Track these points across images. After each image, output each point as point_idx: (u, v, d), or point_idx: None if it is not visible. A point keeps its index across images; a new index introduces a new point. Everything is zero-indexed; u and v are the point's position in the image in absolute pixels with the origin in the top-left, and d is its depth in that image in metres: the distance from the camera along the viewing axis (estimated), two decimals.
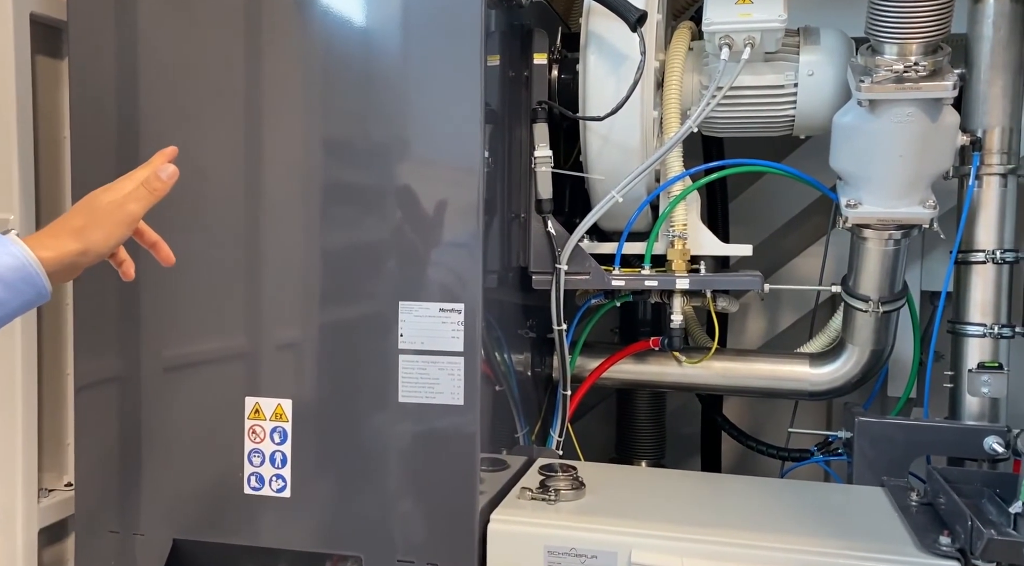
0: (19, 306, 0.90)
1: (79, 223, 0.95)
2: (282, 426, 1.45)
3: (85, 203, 0.98)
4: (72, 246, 0.94)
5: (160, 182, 1.01)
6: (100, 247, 0.96)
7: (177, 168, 1.02)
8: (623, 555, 1.31)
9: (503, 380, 1.56)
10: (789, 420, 1.98)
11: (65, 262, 0.93)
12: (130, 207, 0.98)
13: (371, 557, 1.42)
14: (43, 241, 0.93)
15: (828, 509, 1.45)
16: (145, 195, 1.00)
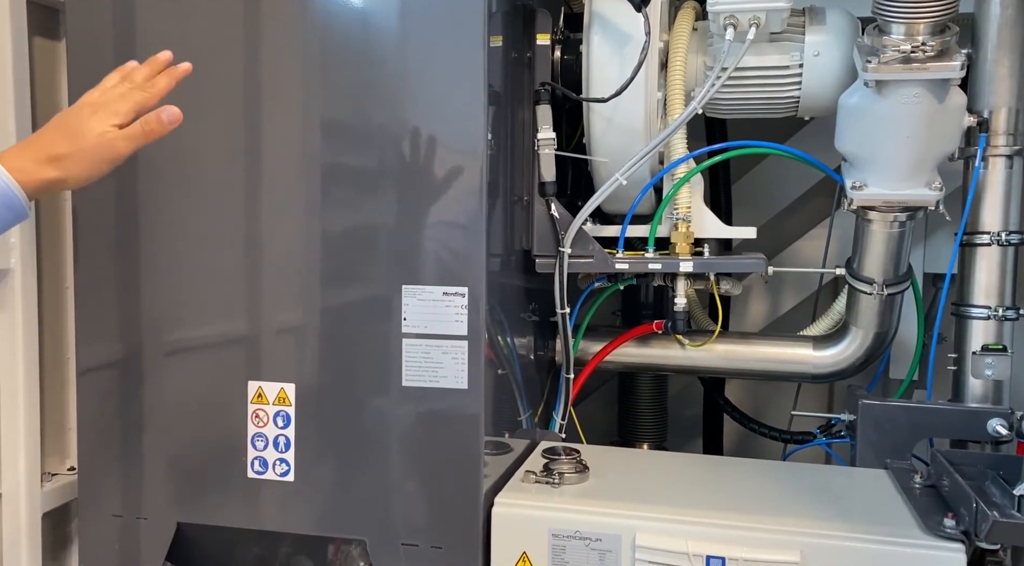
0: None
1: (62, 150, 0.90)
2: (285, 410, 1.44)
3: (72, 122, 0.93)
4: (51, 174, 0.90)
5: (159, 125, 0.96)
6: (79, 182, 0.92)
7: (180, 112, 0.97)
8: (627, 538, 1.31)
9: (506, 364, 1.56)
10: (791, 403, 1.98)
11: (41, 188, 0.90)
12: (119, 145, 0.94)
13: (375, 540, 1.42)
14: (22, 163, 0.89)
15: (831, 491, 1.45)
16: (139, 135, 0.95)
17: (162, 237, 1.49)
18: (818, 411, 2.04)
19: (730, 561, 1.25)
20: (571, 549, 1.33)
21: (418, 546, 1.40)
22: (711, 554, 1.26)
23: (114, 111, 0.94)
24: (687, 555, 1.26)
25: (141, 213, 1.50)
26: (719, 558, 1.25)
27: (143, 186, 1.49)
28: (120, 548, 1.51)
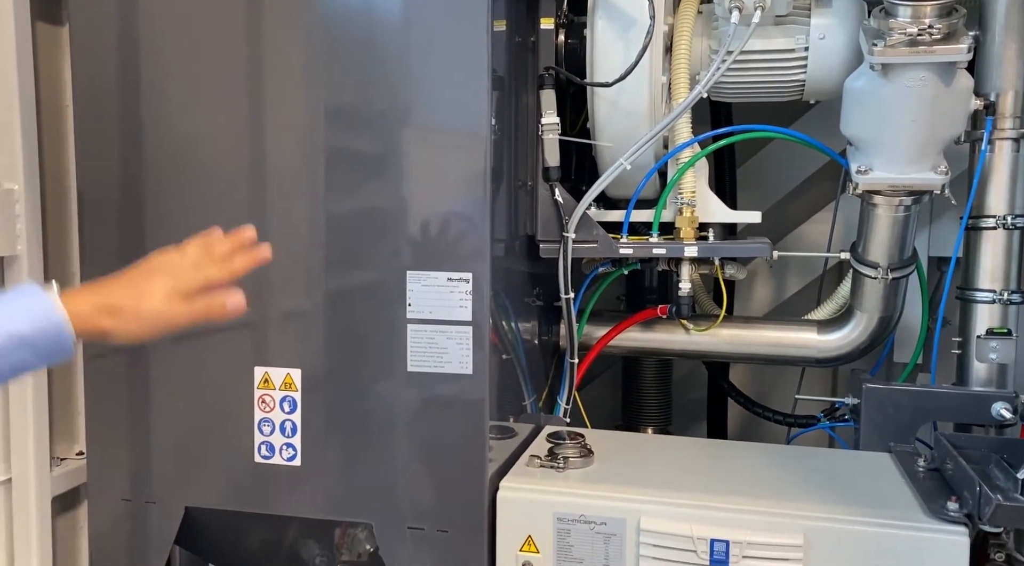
0: (42, 366, 0.90)
1: (123, 305, 0.91)
2: (291, 395, 1.45)
3: (141, 283, 0.94)
4: (105, 324, 0.90)
5: (221, 312, 0.96)
6: (127, 338, 0.92)
7: (245, 304, 0.97)
8: (632, 522, 1.32)
9: (510, 348, 1.56)
10: (795, 387, 1.98)
11: (91, 334, 0.91)
12: (176, 319, 0.94)
13: (381, 524, 1.43)
14: (82, 307, 0.89)
15: (835, 475, 1.46)
16: (198, 315, 0.95)
17: (167, 224, 1.49)
18: (822, 395, 2.04)
19: (734, 544, 1.26)
20: (576, 533, 1.34)
21: (424, 530, 1.41)
22: (715, 537, 1.26)
23: (184, 283, 0.95)
24: (691, 538, 1.27)
25: (146, 199, 1.50)
26: (723, 541, 1.26)
27: (148, 172, 1.49)
28: (129, 532, 1.53)
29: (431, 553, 1.41)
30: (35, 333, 0.86)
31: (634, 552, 1.31)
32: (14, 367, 0.86)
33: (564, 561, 1.35)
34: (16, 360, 0.86)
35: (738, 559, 1.25)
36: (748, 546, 1.25)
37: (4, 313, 0.86)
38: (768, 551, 1.25)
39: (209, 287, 0.96)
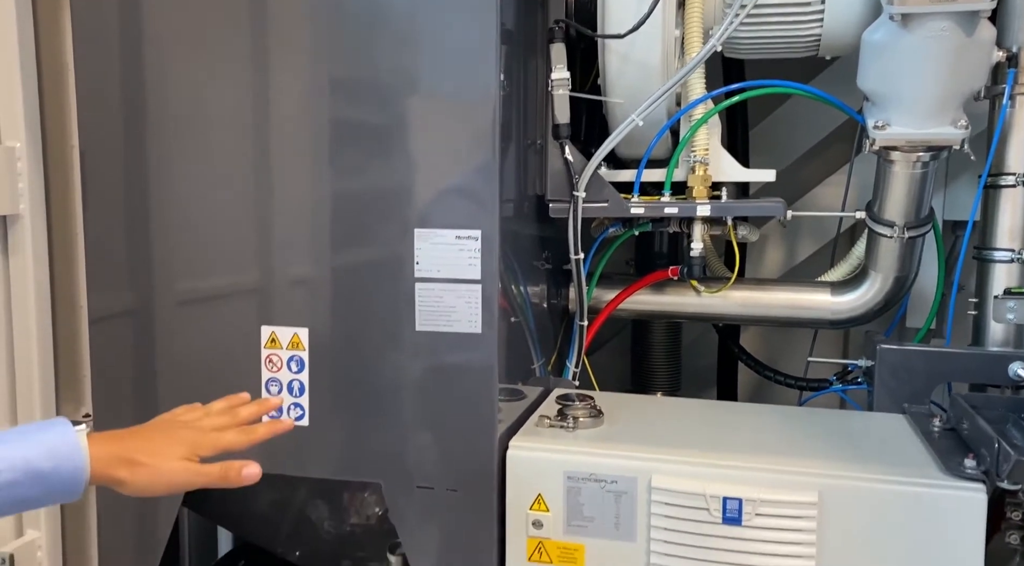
0: (43, 504, 0.88)
1: (141, 459, 0.90)
2: (299, 355, 1.44)
3: (159, 439, 0.93)
4: (119, 474, 0.90)
5: (236, 479, 0.95)
6: (137, 490, 0.91)
7: (260, 473, 0.96)
8: (643, 480, 1.30)
9: (519, 311, 1.54)
10: (805, 352, 1.96)
11: (103, 480, 0.90)
12: (190, 479, 0.93)
13: (390, 484, 1.42)
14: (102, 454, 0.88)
15: (849, 434, 1.44)
16: (214, 478, 0.94)
17: (171, 186, 1.47)
18: (832, 359, 2.02)
19: (747, 502, 1.24)
20: (586, 491, 1.33)
21: (433, 489, 1.40)
22: (728, 495, 1.25)
23: (204, 445, 0.95)
24: (704, 496, 1.26)
25: (149, 160, 1.48)
26: (736, 499, 1.25)
27: (151, 135, 1.47)
28: None
29: (440, 512, 1.40)
30: (52, 471, 0.84)
31: (645, 511, 1.30)
32: (19, 499, 0.85)
33: (574, 520, 1.33)
34: (25, 494, 0.84)
35: (751, 517, 1.24)
36: (761, 504, 1.24)
37: (30, 445, 0.84)
38: (782, 509, 1.23)
39: (228, 451, 0.97)
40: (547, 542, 1.35)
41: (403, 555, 1.50)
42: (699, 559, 1.26)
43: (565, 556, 1.34)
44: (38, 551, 1.53)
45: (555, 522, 1.34)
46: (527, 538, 1.36)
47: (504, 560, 1.37)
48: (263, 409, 1.05)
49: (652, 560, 1.29)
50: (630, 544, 1.31)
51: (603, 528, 1.32)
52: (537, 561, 1.35)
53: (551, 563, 1.35)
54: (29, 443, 0.84)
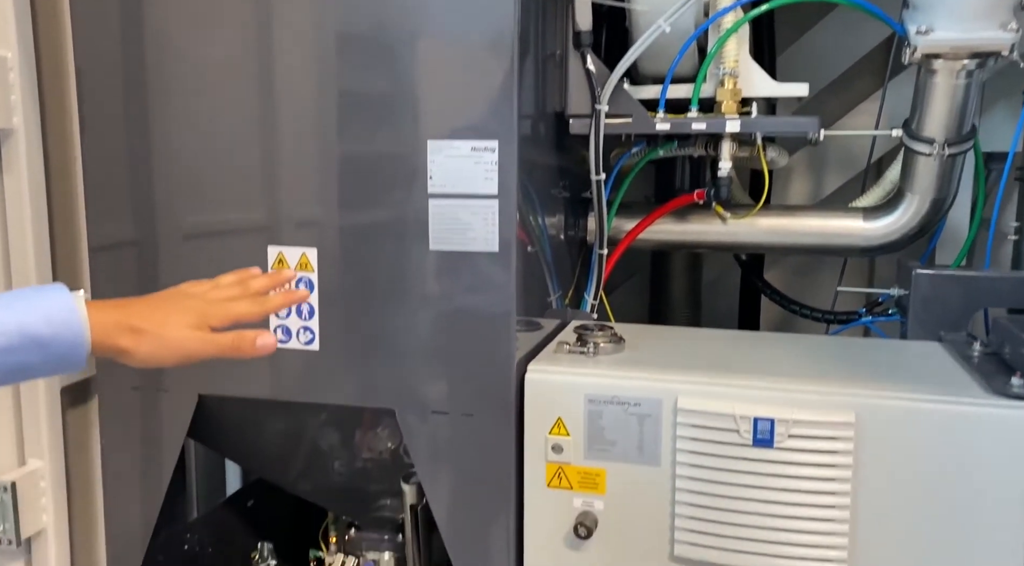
0: (47, 373, 0.82)
1: (145, 326, 0.84)
2: (308, 276, 1.37)
3: (166, 307, 0.87)
4: (123, 343, 0.83)
5: (250, 349, 0.88)
6: (143, 360, 0.85)
7: (276, 344, 0.90)
8: (668, 402, 1.24)
9: (536, 241, 1.47)
10: (830, 289, 1.89)
11: (106, 350, 0.83)
12: (199, 348, 0.87)
13: (403, 410, 1.36)
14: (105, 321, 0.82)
15: (883, 360, 1.38)
16: (225, 347, 0.88)
17: (173, 117, 1.39)
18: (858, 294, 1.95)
19: (779, 423, 1.18)
20: (608, 414, 1.27)
21: (448, 414, 1.35)
22: (759, 416, 1.19)
23: (214, 314, 0.88)
24: (733, 417, 1.20)
25: (150, 89, 1.40)
26: (768, 420, 1.18)
27: (151, 58, 1.39)
28: (141, 421, 1.47)
29: (456, 438, 1.34)
30: (51, 336, 0.78)
31: (671, 434, 1.24)
32: (18, 367, 0.79)
33: (595, 444, 1.28)
34: (23, 360, 0.78)
35: (783, 438, 1.18)
36: (795, 424, 1.17)
37: (24, 310, 0.78)
38: (817, 429, 1.17)
39: (240, 322, 0.90)
40: (567, 467, 1.29)
41: (418, 484, 1.45)
42: (727, 483, 1.20)
43: (586, 481, 1.29)
44: (41, 481, 1.49)
45: (575, 447, 1.28)
46: (546, 463, 1.30)
47: (522, 487, 1.32)
48: (275, 281, 0.98)
49: (677, 484, 1.23)
50: (654, 469, 1.25)
51: (626, 452, 1.27)
52: (556, 487, 1.30)
53: (571, 489, 1.29)
54: (23, 307, 0.78)
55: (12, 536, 1.43)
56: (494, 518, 1.34)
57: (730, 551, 1.21)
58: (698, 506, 1.22)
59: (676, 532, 1.24)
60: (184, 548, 1.64)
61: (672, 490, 1.24)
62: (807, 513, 1.17)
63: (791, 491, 1.17)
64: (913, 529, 1.15)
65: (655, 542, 1.26)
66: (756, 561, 1.20)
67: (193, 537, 1.66)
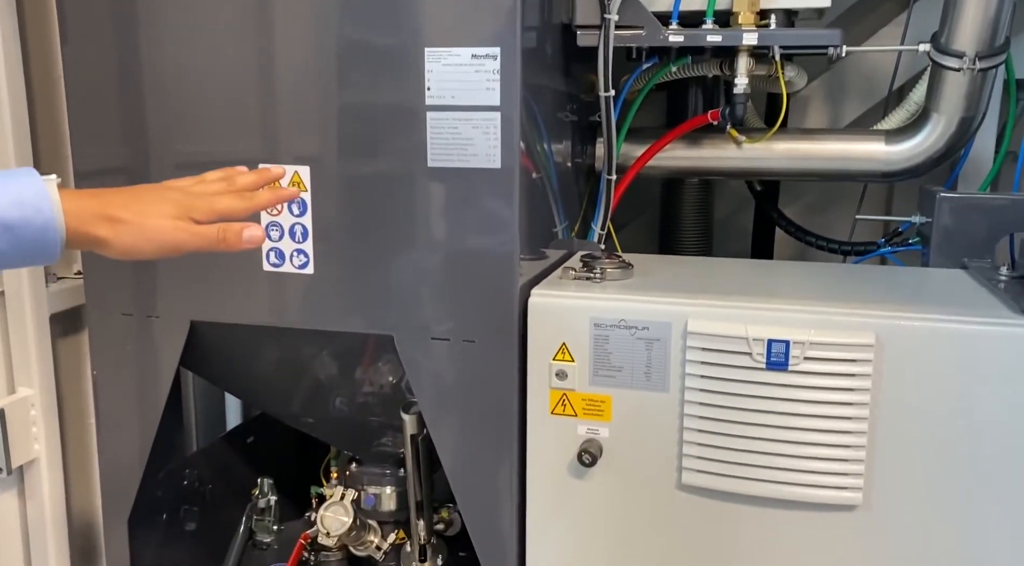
0: (17, 263, 0.77)
1: (123, 215, 0.79)
2: (301, 196, 1.31)
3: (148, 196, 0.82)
4: (100, 232, 0.78)
5: (236, 241, 0.84)
6: (122, 252, 0.80)
7: (264, 237, 0.85)
8: (678, 325, 1.18)
9: (541, 168, 1.40)
10: (847, 224, 1.82)
11: (82, 240, 0.78)
12: (182, 238, 0.82)
13: (403, 336, 1.31)
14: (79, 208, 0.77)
15: (905, 285, 1.32)
16: (211, 238, 0.83)
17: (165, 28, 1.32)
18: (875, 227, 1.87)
19: (795, 345, 1.12)
20: (615, 339, 1.22)
21: (449, 341, 1.29)
22: (774, 337, 1.13)
23: (198, 206, 0.83)
24: (746, 340, 1.14)
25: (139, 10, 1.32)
26: (783, 342, 1.12)
27: None
28: (133, 348, 1.43)
29: (457, 365, 1.29)
30: (20, 221, 0.73)
31: (679, 358, 1.18)
32: None
33: (601, 370, 1.22)
34: None
35: (799, 361, 1.12)
36: (811, 346, 1.11)
37: None
38: (834, 352, 1.11)
39: (226, 217, 0.85)
40: (571, 394, 1.24)
41: (418, 414, 1.40)
42: (738, 408, 1.15)
43: (591, 408, 1.24)
44: (32, 409, 1.46)
45: (580, 373, 1.23)
46: (550, 390, 1.25)
47: (525, 414, 1.27)
48: (264, 178, 0.92)
49: (686, 411, 1.18)
50: (662, 395, 1.20)
51: (632, 378, 1.21)
52: (560, 414, 1.25)
53: (575, 416, 1.25)
54: None
55: (2, 464, 1.40)
56: (496, 447, 1.30)
57: (740, 479, 1.16)
58: (707, 432, 1.17)
59: (684, 459, 1.19)
60: (184, 483, 1.61)
61: (680, 416, 1.19)
62: (822, 439, 1.12)
63: (805, 416, 1.12)
64: (933, 455, 1.10)
65: (662, 470, 1.21)
66: (767, 489, 1.15)
67: (192, 472, 1.63)
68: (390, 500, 1.62)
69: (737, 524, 1.19)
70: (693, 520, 1.21)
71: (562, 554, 1.27)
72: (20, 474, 1.49)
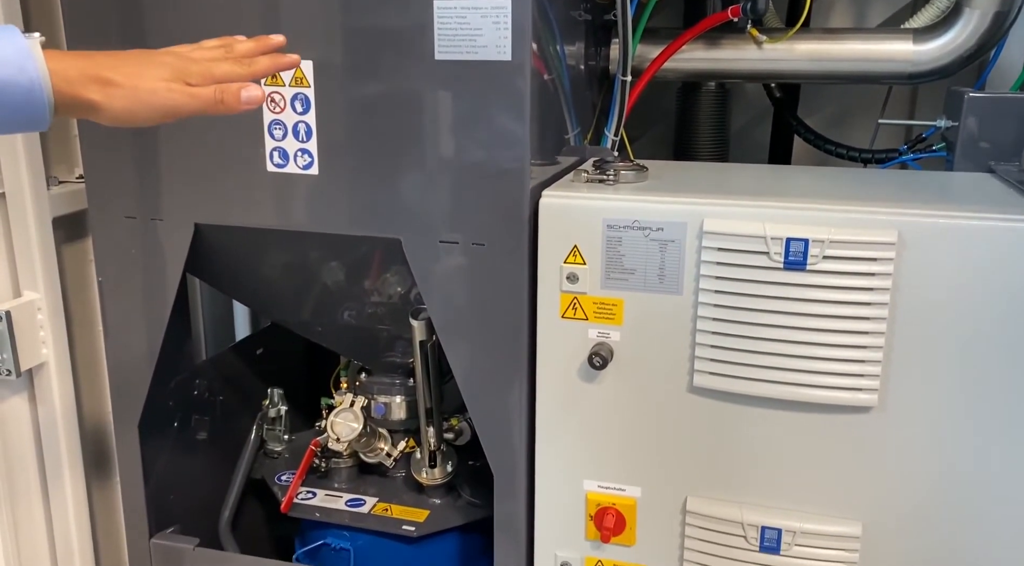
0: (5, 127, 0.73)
1: (115, 78, 0.75)
2: (303, 92, 1.26)
3: (142, 59, 0.78)
4: (92, 95, 0.74)
5: (235, 101, 0.80)
6: (115, 118, 0.76)
7: (263, 96, 0.81)
8: (693, 225, 1.15)
9: (553, 69, 1.34)
10: (868, 131, 1.76)
11: (72, 105, 0.74)
12: (178, 100, 0.78)
13: (410, 239, 1.28)
14: (68, 69, 0.73)
15: (929, 186, 1.27)
16: (208, 100, 0.79)
17: None
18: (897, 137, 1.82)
19: (814, 243, 1.09)
20: (628, 241, 1.18)
21: (458, 243, 1.26)
22: (792, 236, 1.09)
23: (194, 71, 0.80)
24: (764, 239, 1.11)
25: None
26: (801, 240, 1.09)
27: None
28: (137, 253, 1.41)
29: (465, 268, 1.27)
30: (4, 82, 0.69)
31: (694, 259, 1.15)
32: None
33: (613, 272, 1.20)
34: None
35: (818, 260, 1.09)
36: (831, 245, 1.08)
37: None
38: (855, 250, 1.07)
39: (222, 82, 0.81)
40: (582, 298, 1.22)
41: (427, 320, 1.39)
42: (753, 309, 1.13)
43: (602, 312, 1.22)
44: (38, 313, 1.45)
45: (592, 275, 1.21)
46: (560, 294, 1.23)
47: (535, 319, 1.25)
48: (263, 46, 0.89)
49: (699, 313, 1.16)
50: (675, 297, 1.18)
51: (645, 281, 1.19)
52: (571, 318, 1.23)
53: (586, 320, 1.23)
54: None
55: (11, 366, 1.40)
56: (506, 351, 1.28)
57: (753, 381, 1.15)
58: (721, 334, 1.15)
59: (696, 362, 1.17)
60: (194, 393, 1.62)
61: (693, 319, 1.17)
62: (838, 340, 1.10)
63: (822, 317, 1.09)
64: (952, 356, 1.08)
65: (673, 373, 1.20)
66: (780, 390, 1.13)
67: (202, 382, 1.63)
68: (400, 409, 1.62)
69: (749, 427, 1.17)
70: (704, 423, 1.20)
71: (571, 457, 1.27)
72: (29, 378, 1.49)
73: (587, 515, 1.28)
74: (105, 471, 1.67)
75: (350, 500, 1.60)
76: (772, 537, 1.18)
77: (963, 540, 1.12)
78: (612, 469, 1.26)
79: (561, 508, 1.29)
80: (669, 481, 1.23)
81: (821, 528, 1.16)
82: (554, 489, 1.29)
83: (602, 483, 1.26)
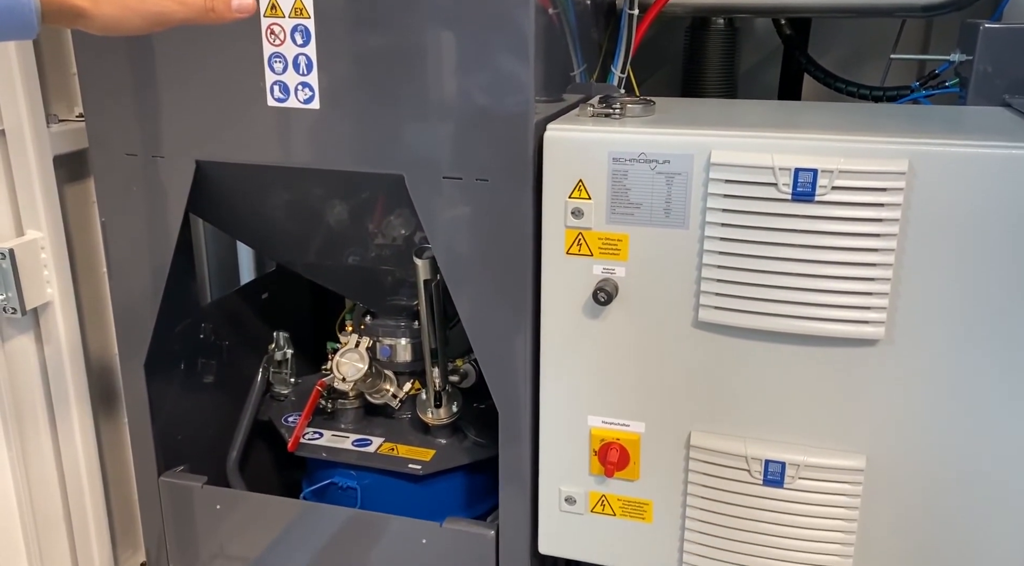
0: None
1: None
2: (303, 24, 1.24)
3: None
4: (78, 2, 0.72)
5: (225, 8, 0.79)
6: (104, 26, 0.74)
7: (255, 6, 0.81)
8: (700, 157, 1.13)
9: (558, 3, 1.31)
10: (879, 71, 1.73)
11: (59, 12, 0.72)
12: (168, 6, 0.77)
13: (413, 175, 1.26)
14: None
15: (941, 118, 1.25)
16: (198, 7, 0.78)
17: None
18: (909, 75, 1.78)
19: (823, 173, 1.07)
20: (634, 174, 1.17)
21: (462, 179, 1.25)
22: (801, 166, 1.08)
23: None
24: (772, 170, 1.09)
25: None
26: (810, 170, 1.07)
27: None
28: (139, 190, 1.39)
29: (469, 204, 1.25)
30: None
31: (701, 193, 1.14)
32: None
33: (619, 207, 1.18)
34: None
35: (827, 191, 1.07)
36: (840, 175, 1.06)
37: None
38: (864, 180, 1.06)
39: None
40: (587, 233, 1.21)
41: (431, 259, 1.38)
42: (760, 242, 1.11)
43: (607, 247, 1.20)
44: (41, 252, 1.44)
45: (597, 210, 1.19)
46: (565, 229, 1.21)
47: (540, 255, 1.24)
48: None
49: (706, 246, 1.15)
50: (681, 231, 1.16)
51: (651, 215, 1.17)
52: (576, 254, 1.22)
53: (591, 255, 1.21)
54: None
55: (16, 304, 1.40)
56: (510, 288, 1.27)
57: (759, 314, 1.14)
58: (727, 268, 1.14)
59: (701, 297, 1.16)
60: (200, 337, 1.62)
61: (699, 254, 1.16)
62: (846, 272, 1.09)
63: (830, 249, 1.08)
64: (961, 288, 1.07)
65: (678, 308, 1.19)
66: (787, 324, 1.13)
67: (208, 326, 1.64)
68: (405, 351, 1.62)
69: (753, 361, 1.17)
70: (708, 358, 1.19)
71: (576, 393, 1.27)
72: (35, 317, 1.49)
73: (591, 450, 1.28)
74: (113, 410, 1.68)
75: (356, 440, 1.61)
76: (776, 470, 1.19)
77: (968, 471, 1.13)
78: (616, 405, 1.26)
79: (565, 444, 1.29)
80: (673, 416, 1.23)
81: (825, 461, 1.17)
82: (559, 425, 1.29)
83: (606, 419, 1.27)
